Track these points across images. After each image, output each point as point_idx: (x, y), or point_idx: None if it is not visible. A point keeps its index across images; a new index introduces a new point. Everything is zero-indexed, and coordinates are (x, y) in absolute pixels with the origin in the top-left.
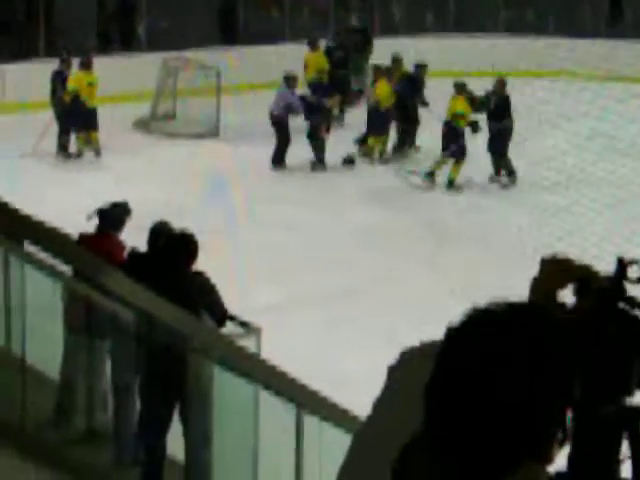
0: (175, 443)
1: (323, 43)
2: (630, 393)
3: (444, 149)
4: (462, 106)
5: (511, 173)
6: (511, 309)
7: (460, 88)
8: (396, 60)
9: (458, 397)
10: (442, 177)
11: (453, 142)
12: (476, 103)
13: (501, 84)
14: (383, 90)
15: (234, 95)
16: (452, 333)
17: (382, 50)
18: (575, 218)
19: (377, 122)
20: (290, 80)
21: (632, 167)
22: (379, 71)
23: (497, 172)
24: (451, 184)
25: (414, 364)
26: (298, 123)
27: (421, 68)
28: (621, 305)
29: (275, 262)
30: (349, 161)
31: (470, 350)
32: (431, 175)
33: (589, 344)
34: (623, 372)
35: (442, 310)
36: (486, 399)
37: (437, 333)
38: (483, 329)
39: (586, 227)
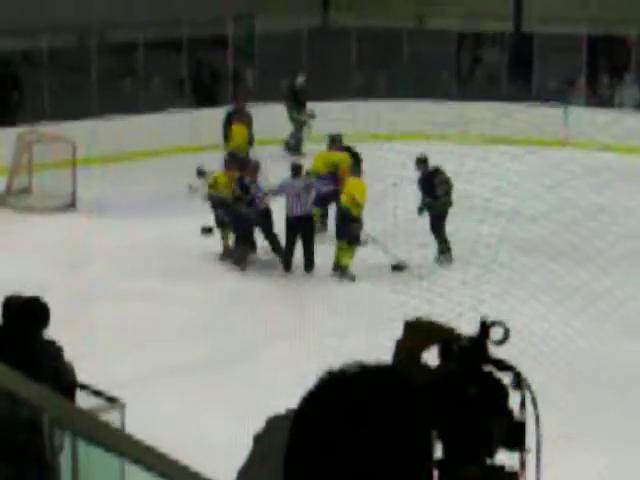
0: None
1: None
2: (492, 453)
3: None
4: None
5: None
6: (363, 372)
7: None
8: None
9: (314, 463)
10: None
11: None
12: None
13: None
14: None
15: (90, 168)
16: (305, 398)
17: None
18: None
19: None
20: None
21: (490, 223)
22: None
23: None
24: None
25: (280, 431)
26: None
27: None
28: (484, 366)
29: (137, 334)
30: (208, 230)
31: (322, 415)
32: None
33: (450, 405)
34: (484, 433)
35: (308, 378)
36: (341, 464)
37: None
38: (333, 393)
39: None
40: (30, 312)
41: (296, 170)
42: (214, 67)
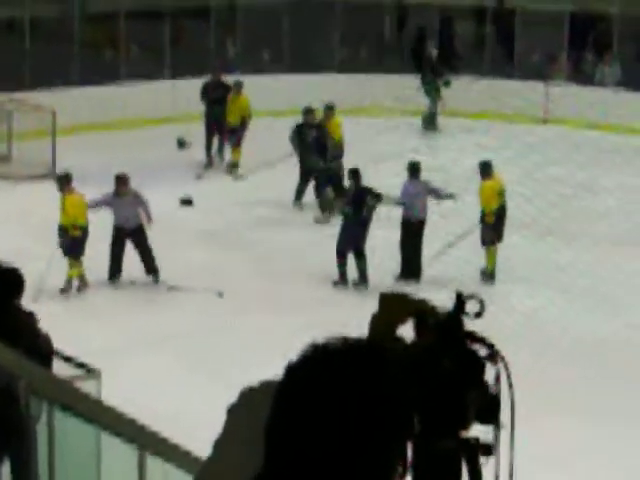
0: None
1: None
2: (467, 426)
3: None
4: None
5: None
6: (346, 345)
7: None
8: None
9: (296, 435)
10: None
11: None
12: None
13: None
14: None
15: (70, 136)
16: (288, 371)
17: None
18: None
19: None
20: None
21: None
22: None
23: None
24: None
25: (254, 403)
26: None
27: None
28: (459, 340)
29: (115, 303)
30: (187, 202)
31: (305, 388)
32: None
33: (426, 379)
34: (459, 406)
35: (284, 349)
36: (323, 436)
37: (278, 372)
38: (317, 367)
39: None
40: (5, 281)
41: (414, 170)
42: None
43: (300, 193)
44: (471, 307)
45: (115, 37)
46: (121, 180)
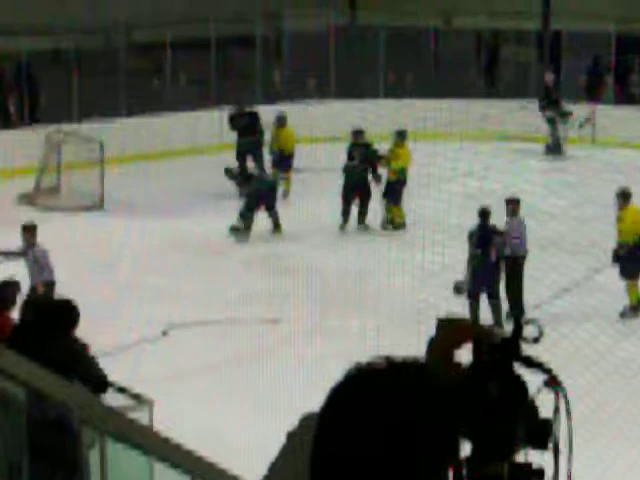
0: None
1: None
2: (516, 450)
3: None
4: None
5: None
6: (390, 366)
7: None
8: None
9: (339, 457)
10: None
11: None
12: None
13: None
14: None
15: (118, 166)
16: (332, 392)
17: (266, 117)
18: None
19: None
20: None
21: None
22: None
23: None
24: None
25: (312, 428)
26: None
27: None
28: (516, 365)
29: (162, 333)
30: (236, 229)
31: (348, 408)
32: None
33: (474, 402)
34: (506, 429)
35: (331, 376)
36: (366, 458)
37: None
38: (361, 386)
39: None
40: (61, 313)
41: (513, 206)
42: None
43: (346, 215)
44: (529, 332)
45: (161, 67)
46: (28, 229)
